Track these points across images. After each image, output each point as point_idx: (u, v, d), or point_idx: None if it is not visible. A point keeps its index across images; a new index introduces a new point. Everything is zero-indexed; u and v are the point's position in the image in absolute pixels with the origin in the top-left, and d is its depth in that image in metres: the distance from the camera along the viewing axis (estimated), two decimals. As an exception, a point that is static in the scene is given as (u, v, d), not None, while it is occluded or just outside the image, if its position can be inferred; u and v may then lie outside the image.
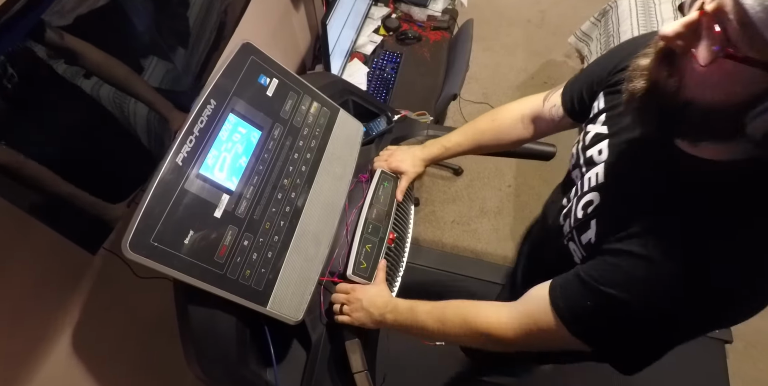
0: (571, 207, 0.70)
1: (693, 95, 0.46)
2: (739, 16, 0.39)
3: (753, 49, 0.40)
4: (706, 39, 0.43)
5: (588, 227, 0.64)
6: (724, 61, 0.41)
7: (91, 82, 0.69)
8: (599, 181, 0.65)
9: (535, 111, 0.87)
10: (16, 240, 0.70)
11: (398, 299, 0.82)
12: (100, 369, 0.97)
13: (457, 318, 0.71)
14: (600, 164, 0.66)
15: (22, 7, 0.52)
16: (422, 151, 1.03)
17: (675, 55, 0.47)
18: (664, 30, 0.45)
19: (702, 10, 0.43)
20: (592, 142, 0.69)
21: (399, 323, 0.79)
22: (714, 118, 0.46)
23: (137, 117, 0.80)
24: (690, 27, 0.44)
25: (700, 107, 0.46)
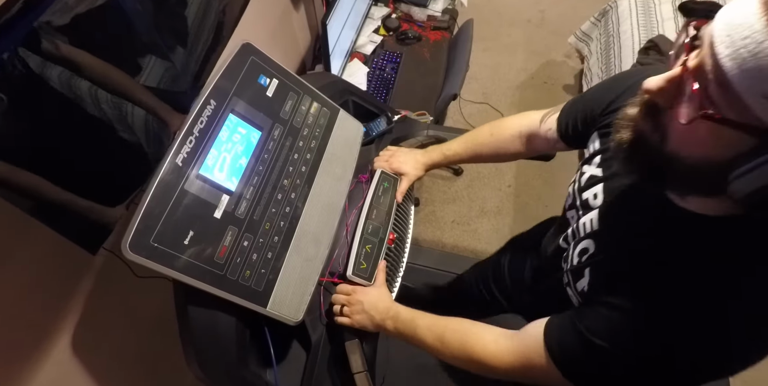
0: (569, 252, 0.70)
1: (677, 150, 0.46)
2: (717, 76, 0.39)
3: (732, 110, 0.39)
4: (687, 96, 0.42)
5: (582, 275, 0.64)
6: (705, 121, 0.41)
7: (92, 83, 0.69)
8: (594, 228, 0.65)
9: (533, 129, 0.87)
10: (16, 240, 0.70)
11: (400, 306, 0.82)
12: (100, 369, 0.97)
13: (455, 341, 0.71)
14: (595, 209, 0.66)
15: (20, 8, 0.52)
16: (424, 156, 1.03)
17: (659, 108, 0.47)
18: (647, 84, 0.45)
19: (684, 66, 0.42)
20: (587, 185, 0.69)
21: (398, 331, 0.79)
22: (698, 174, 0.45)
23: (136, 118, 0.80)
24: (672, 82, 0.43)
25: (684, 162, 0.46)
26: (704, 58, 0.41)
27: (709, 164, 0.44)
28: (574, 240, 0.69)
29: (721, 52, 0.38)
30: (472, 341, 0.69)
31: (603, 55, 2.23)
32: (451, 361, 0.73)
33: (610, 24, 2.29)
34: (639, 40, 2.07)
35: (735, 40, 0.38)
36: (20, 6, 0.52)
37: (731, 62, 0.38)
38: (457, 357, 0.71)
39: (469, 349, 0.69)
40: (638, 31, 2.12)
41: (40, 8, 0.55)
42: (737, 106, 0.39)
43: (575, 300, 0.67)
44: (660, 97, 0.45)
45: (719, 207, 0.48)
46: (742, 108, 0.38)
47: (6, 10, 0.51)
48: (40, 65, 0.60)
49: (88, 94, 0.69)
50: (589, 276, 0.63)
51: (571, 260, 0.68)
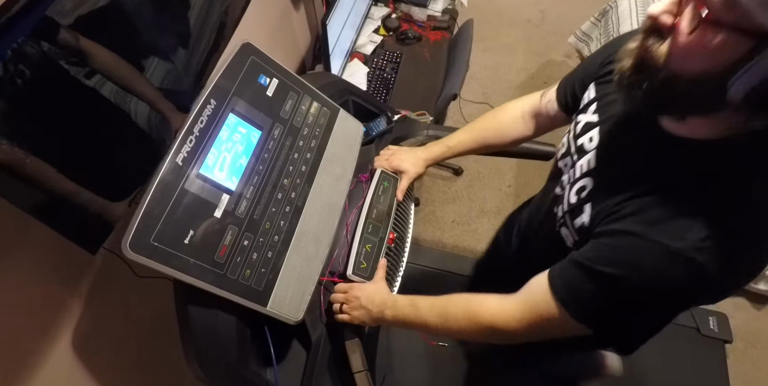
0: (564, 194, 0.71)
1: (678, 68, 0.48)
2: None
3: (731, 14, 0.42)
4: (689, 10, 0.45)
5: (581, 211, 0.65)
6: (705, 29, 0.44)
7: (93, 81, 0.69)
8: (591, 167, 0.67)
9: (534, 107, 0.89)
10: (16, 240, 0.70)
11: (398, 295, 0.82)
12: (100, 368, 0.97)
13: (459, 313, 0.71)
14: (591, 151, 0.67)
15: (24, 5, 0.52)
16: (424, 151, 1.03)
17: (662, 31, 0.49)
18: (651, 9, 0.48)
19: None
20: (582, 131, 0.70)
21: (399, 319, 0.79)
22: (699, 89, 0.48)
23: (138, 116, 0.80)
24: (674, 3, 0.47)
25: (686, 79, 0.48)
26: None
27: (710, 75, 0.46)
28: (570, 182, 0.70)
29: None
30: (475, 308, 0.70)
31: (603, 55, 2.23)
32: (459, 336, 0.73)
33: (610, 24, 2.30)
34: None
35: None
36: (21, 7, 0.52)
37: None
38: (464, 328, 0.71)
39: (476, 317, 0.69)
40: (638, 31, 2.12)
41: (41, 9, 0.55)
42: (736, 10, 0.41)
43: (570, 240, 0.68)
44: (663, 15, 0.48)
45: (716, 128, 0.51)
46: (739, 11, 0.41)
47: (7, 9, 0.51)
48: (45, 61, 0.60)
49: (94, 90, 0.69)
50: (590, 209, 0.63)
51: (568, 200, 0.69)
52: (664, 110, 0.55)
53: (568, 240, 0.69)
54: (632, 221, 0.55)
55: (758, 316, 1.91)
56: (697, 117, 0.52)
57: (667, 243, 0.52)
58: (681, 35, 0.46)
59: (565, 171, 0.74)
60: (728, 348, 1.53)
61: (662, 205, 0.54)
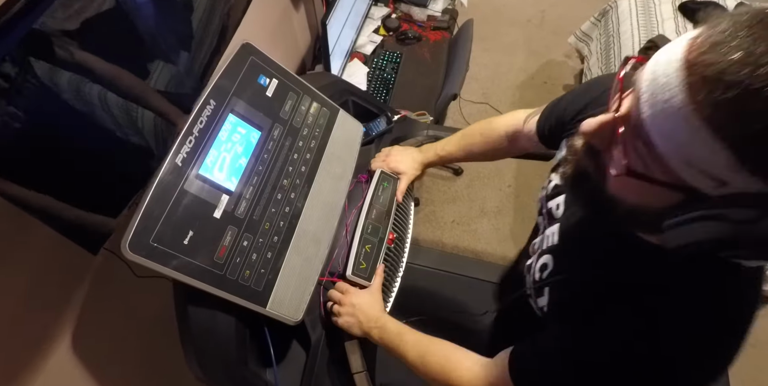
0: (532, 264, 0.70)
1: (615, 193, 0.46)
2: (641, 133, 0.38)
3: (657, 169, 0.39)
4: (618, 145, 0.42)
5: (542, 293, 0.64)
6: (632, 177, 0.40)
7: (90, 85, 0.69)
8: (554, 242, 0.66)
9: (517, 129, 0.87)
10: (16, 240, 0.70)
11: (390, 318, 0.82)
12: (100, 368, 0.97)
13: (436, 364, 0.71)
14: (557, 222, 0.66)
15: (19, 10, 0.52)
16: (420, 155, 1.04)
17: (598, 150, 0.46)
18: (583, 126, 0.44)
19: (616, 112, 0.41)
20: (552, 193, 0.69)
21: (383, 342, 0.79)
22: (636, 217, 0.46)
23: (138, 119, 0.80)
24: (605, 127, 0.42)
25: (622, 205, 0.46)
26: (632, 108, 0.40)
27: (646, 210, 0.44)
28: (538, 252, 0.70)
29: (644, 111, 0.37)
30: (451, 366, 0.69)
31: (603, 55, 2.23)
32: (427, 380, 0.73)
33: (610, 24, 2.29)
34: (639, 40, 2.07)
35: (657, 101, 0.36)
36: (21, 6, 0.52)
37: (652, 123, 0.37)
38: (434, 378, 0.71)
39: (447, 374, 0.69)
40: (638, 31, 2.12)
41: (39, 10, 0.55)
42: (661, 165, 0.38)
43: (537, 313, 0.67)
44: (595, 139, 0.45)
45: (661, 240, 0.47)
46: (665, 167, 0.38)
47: (7, 11, 0.51)
48: (44, 68, 0.60)
49: (90, 97, 0.69)
50: (548, 295, 0.63)
51: (533, 274, 0.68)
52: (608, 221, 0.52)
53: (535, 310, 0.68)
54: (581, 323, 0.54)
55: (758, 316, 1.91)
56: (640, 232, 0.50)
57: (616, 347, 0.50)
58: (610, 173, 0.43)
59: (540, 231, 0.73)
60: (728, 348, 1.53)
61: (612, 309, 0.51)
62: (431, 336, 0.76)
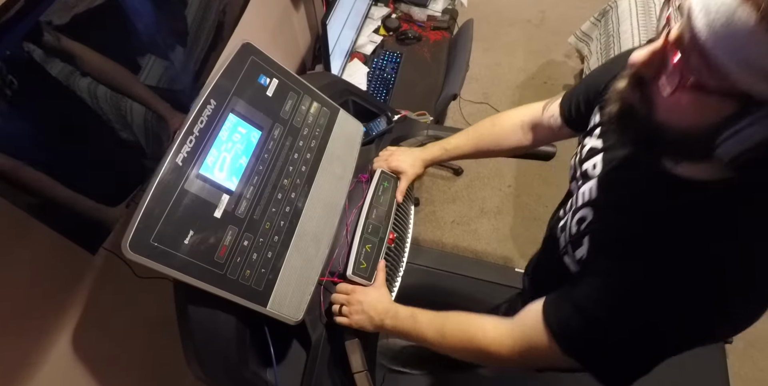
0: (567, 221, 0.71)
1: (664, 119, 0.47)
2: (696, 45, 0.40)
3: (712, 77, 0.41)
4: (670, 67, 0.44)
5: (581, 244, 0.64)
6: (687, 91, 0.43)
7: (89, 83, 0.69)
8: (592, 196, 0.66)
9: (535, 119, 0.87)
10: (16, 240, 0.70)
11: (399, 305, 0.82)
12: (100, 368, 0.97)
13: (457, 332, 0.71)
14: (594, 179, 0.67)
15: (20, 8, 0.52)
16: (422, 152, 1.03)
17: (645, 81, 0.48)
18: (633, 57, 0.47)
19: (666, 38, 0.44)
20: (587, 156, 0.70)
21: (398, 329, 0.79)
22: (686, 141, 0.47)
23: (136, 117, 0.80)
24: (656, 54, 0.45)
25: (672, 130, 0.47)
26: (684, 29, 0.42)
27: (696, 131, 0.45)
28: (572, 209, 0.70)
29: (699, 22, 0.40)
30: (472, 330, 0.69)
31: (603, 55, 2.23)
32: (453, 354, 0.73)
33: (610, 24, 2.29)
34: (639, 40, 2.07)
35: (710, 10, 0.39)
36: (21, 5, 0.52)
37: (708, 31, 0.39)
38: (459, 348, 0.71)
39: (471, 338, 0.69)
40: (638, 31, 2.12)
41: (40, 8, 0.55)
42: (717, 74, 0.40)
43: (573, 268, 0.67)
44: (645, 68, 0.47)
45: (710, 171, 0.50)
46: (721, 75, 0.40)
47: (7, 9, 0.51)
48: (41, 63, 0.60)
49: (88, 92, 0.69)
50: (588, 243, 0.63)
51: (569, 229, 0.68)
52: (655, 155, 0.54)
53: (571, 268, 0.68)
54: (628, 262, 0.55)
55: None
56: (687, 162, 0.51)
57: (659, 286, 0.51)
58: (663, 93, 0.45)
59: (572, 195, 0.73)
60: (728, 348, 1.53)
61: (657, 246, 0.53)
62: (444, 312, 0.76)
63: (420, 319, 0.77)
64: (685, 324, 0.52)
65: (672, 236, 0.52)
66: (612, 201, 0.63)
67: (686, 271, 0.50)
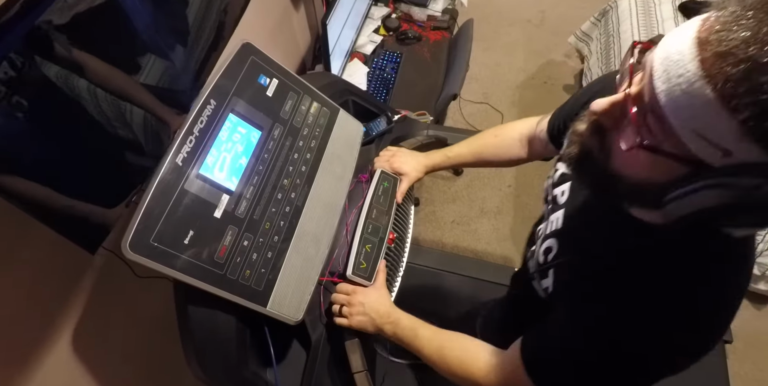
0: (536, 247, 0.71)
1: (619, 170, 0.48)
2: (654, 108, 0.41)
3: (667, 141, 0.41)
4: (628, 122, 0.45)
5: (547, 275, 0.65)
6: (642, 151, 0.43)
7: (90, 82, 0.69)
8: (558, 226, 0.67)
9: (531, 132, 0.88)
10: (16, 240, 0.70)
11: (401, 312, 0.82)
12: (100, 368, 0.97)
13: (454, 358, 0.72)
14: (562, 208, 0.68)
15: (19, 9, 0.52)
16: (426, 158, 1.04)
17: (605, 129, 0.49)
18: (594, 105, 0.47)
19: (627, 92, 0.44)
20: (558, 181, 0.71)
21: (397, 337, 0.79)
22: (639, 192, 0.48)
23: (135, 116, 0.80)
24: (615, 106, 0.46)
25: (627, 181, 0.48)
26: (644, 88, 0.43)
27: (648, 186, 0.46)
28: (542, 237, 0.71)
29: (658, 87, 0.40)
30: (469, 360, 0.70)
31: (603, 55, 2.23)
32: (445, 375, 0.73)
33: (610, 24, 2.30)
34: (639, 40, 2.07)
35: (671, 76, 0.39)
36: (20, 6, 0.52)
37: (666, 97, 0.39)
38: (451, 372, 0.71)
39: (466, 368, 0.70)
40: (638, 31, 2.12)
41: (40, 8, 0.55)
42: (671, 138, 0.41)
43: (541, 294, 0.68)
44: (605, 118, 0.48)
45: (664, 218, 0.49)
46: (676, 141, 0.40)
47: (6, 10, 0.51)
48: (40, 64, 0.60)
49: (87, 92, 0.69)
50: (553, 277, 0.64)
51: (537, 257, 0.69)
52: (610, 199, 0.55)
53: (539, 293, 0.69)
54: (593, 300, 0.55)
55: (758, 316, 1.91)
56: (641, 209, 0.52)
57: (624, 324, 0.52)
58: (619, 148, 0.46)
59: (544, 219, 0.74)
60: (728, 348, 1.53)
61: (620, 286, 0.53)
62: (445, 330, 0.76)
63: (420, 335, 0.77)
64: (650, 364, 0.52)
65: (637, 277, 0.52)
66: (576, 236, 0.64)
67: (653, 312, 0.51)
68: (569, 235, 0.65)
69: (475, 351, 0.71)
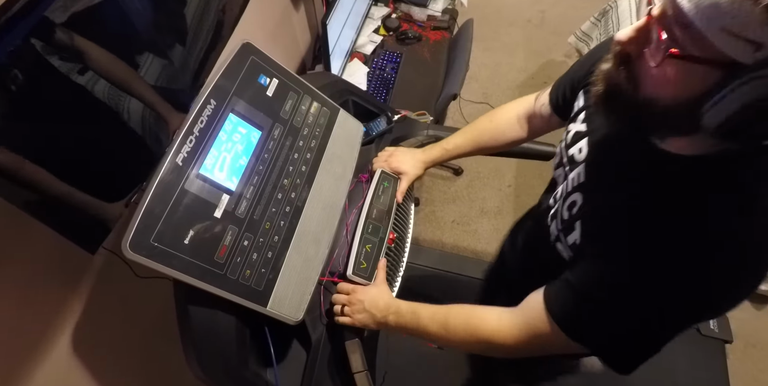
0: (558, 208, 0.71)
1: (650, 95, 0.48)
2: (679, 17, 0.42)
3: (696, 47, 0.42)
4: (655, 41, 0.46)
5: (573, 228, 0.65)
6: (672, 62, 0.44)
7: (90, 81, 0.69)
8: (581, 180, 0.66)
9: (529, 110, 0.89)
10: (16, 240, 0.70)
11: (401, 301, 0.82)
12: (100, 368, 0.97)
13: (460, 325, 0.71)
14: (581, 164, 0.67)
15: (21, 7, 0.52)
16: (423, 154, 1.03)
17: (631, 58, 0.49)
18: (619, 35, 0.49)
19: (649, 15, 0.46)
20: (573, 140, 0.70)
21: (401, 326, 0.79)
22: (672, 115, 0.48)
23: (135, 116, 0.80)
24: (641, 31, 0.47)
25: (659, 105, 0.48)
26: (666, 4, 0.44)
27: (681, 103, 0.46)
28: (563, 196, 0.70)
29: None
30: (475, 322, 0.70)
31: (603, 55, 2.23)
32: (458, 346, 0.73)
33: (610, 24, 2.29)
34: (639, 40, 2.07)
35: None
36: (21, 5, 0.52)
37: (689, 3, 0.41)
38: (463, 340, 0.71)
39: (474, 330, 0.69)
40: (638, 31, 2.12)
41: (41, 7, 0.55)
42: (700, 43, 0.41)
43: (566, 255, 0.68)
44: (630, 45, 0.49)
45: (697, 145, 0.51)
46: (704, 44, 0.41)
47: (8, 7, 0.51)
48: (42, 61, 0.60)
49: (89, 90, 0.69)
50: (580, 227, 0.63)
51: (561, 215, 0.69)
52: (642, 131, 0.55)
53: (564, 254, 0.69)
54: (621, 244, 0.55)
55: (758, 316, 1.91)
56: (674, 138, 0.52)
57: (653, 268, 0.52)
58: (648, 67, 0.47)
59: (560, 182, 0.74)
60: (728, 348, 1.53)
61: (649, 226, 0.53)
62: (446, 305, 0.76)
63: (422, 314, 0.77)
64: (686, 299, 0.52)
65: (664, 218, 0.52)
66: (601, 183, 0.63)
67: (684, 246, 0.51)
68: (593, 185, 0.64)
69: (482, 313, 0.71)
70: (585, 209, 0.64)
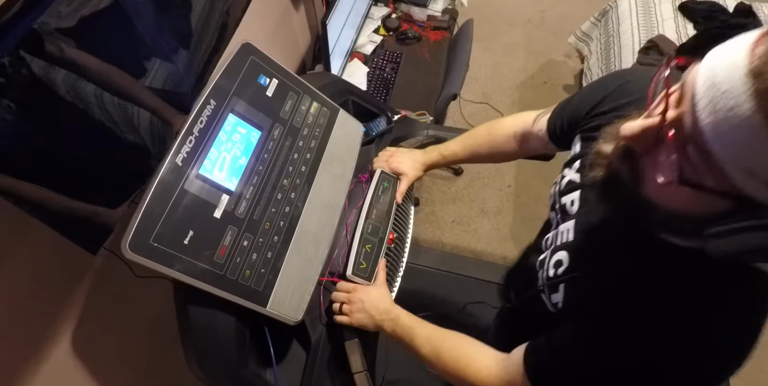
0: (546, 258, 0.70)
1: (653, 198, 0.45)
2: (698, 141, 0.37)
3: (711, 177, 0.38)
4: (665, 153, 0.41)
5: (557, 289, 0.64)
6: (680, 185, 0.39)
7: (92, 85, 0.69)
8: (569, 239, 0.65)
9: (526, 130, 0.87)
10: (16, 240, 0.70)
11: (401, 309, 0.82)
12: (100, 368, 0.97)
13: (450, 359, 0.71)
14: (572, 219, 0.65)
15: (19, 9, 0.52)
16: (423, 156, 1.04)
17: (635, 153, 0.45)
18: (624, 130, 0.43)
19: (663, 116, 0.40)
20: (566, 189, 0.68)
21: (395, 334, 0.79)
22: (676, 222, 0.45)
23: (138, 119, 0.80)
24: (649, 132, 0.41)
25: (660, 211, 0.45)
26: (685, 115, 0.38)
27: (685, 216, 0.43)
28: (552, 248, 0.69)
29: (702, 119, 0.36)
30: (465, 363, 0.69)
31: (603, 55, 2.23)
32: (440, 374, 0.73)
33: (610, 24, 2.29)
34: (639, 40, 2.07)
35: (718, 109, 0.35)
36: (20, 6, 0.52)
37: (713, 131, 0.35)
38: (447, 372, 0.71)
39: (462, 371, 0.69)
40: (638, 30, 2.12)
41: (39, 9, 0.55)
42: (716, 173, 0.37)
43: (549, 308, 0.67)
44: (636, 144, 0.44)
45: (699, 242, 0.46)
46: (722, 177, 0.37)
47: (6, 11, 0.51)
48: (44, 67, 0.60)
49: (92, 95, 0.69)
50: (564, 292, 0.62)
51: (547, 269, 0.67)
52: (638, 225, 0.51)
53: (548, 306, 0.67)
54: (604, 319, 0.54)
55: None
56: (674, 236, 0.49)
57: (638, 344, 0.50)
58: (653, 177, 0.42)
59: (552, 226, 0.72)
60: (728, 348, 1.53)
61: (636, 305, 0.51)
62: (444, 330, 0.76)
63: (418, 333, 0.76)
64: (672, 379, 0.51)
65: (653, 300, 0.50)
66: (588, 252, 0.62)
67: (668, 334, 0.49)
68: (581, 250, 0.62)
69: (474, 355, 0.70)
70: (570, 274, 0.63)
